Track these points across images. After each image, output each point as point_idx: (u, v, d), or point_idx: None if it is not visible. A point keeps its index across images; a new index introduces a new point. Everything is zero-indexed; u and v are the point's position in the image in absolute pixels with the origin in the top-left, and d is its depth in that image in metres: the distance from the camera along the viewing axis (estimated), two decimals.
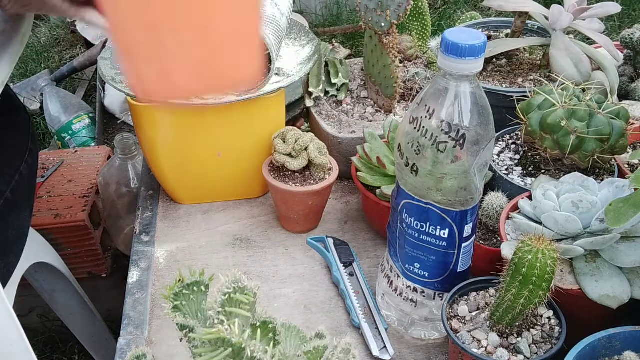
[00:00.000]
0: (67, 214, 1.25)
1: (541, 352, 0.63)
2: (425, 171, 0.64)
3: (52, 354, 1.41)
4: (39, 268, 1.05)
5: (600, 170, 0.81)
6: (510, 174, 0.84)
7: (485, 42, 0.59)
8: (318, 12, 2.54)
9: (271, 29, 0.77)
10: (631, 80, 1.02)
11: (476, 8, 2.45)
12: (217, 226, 0.96)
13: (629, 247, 0.66)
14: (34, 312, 1.38)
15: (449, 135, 0.61)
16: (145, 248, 0.92)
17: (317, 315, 0.81)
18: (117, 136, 1.21)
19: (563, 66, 0.91)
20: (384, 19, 0.90)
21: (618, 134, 0.77)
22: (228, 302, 0.47)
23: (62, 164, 1.38)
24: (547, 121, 0.78)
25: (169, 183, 0.98)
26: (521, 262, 0.59)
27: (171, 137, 0.92)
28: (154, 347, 0.77)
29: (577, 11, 0.95)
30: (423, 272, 0.71)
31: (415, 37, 1.10)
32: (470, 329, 0.66)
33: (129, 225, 1.27)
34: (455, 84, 0.61)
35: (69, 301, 1.16)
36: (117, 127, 2.04)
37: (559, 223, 0.67)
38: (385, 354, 0.74)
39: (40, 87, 2.06)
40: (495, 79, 0.99)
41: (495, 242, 0.80)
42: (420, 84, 1.01)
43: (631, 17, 2.36)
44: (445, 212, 0.66)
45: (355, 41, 2.28)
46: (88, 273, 1.34)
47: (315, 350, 0.51)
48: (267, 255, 0.90)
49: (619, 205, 0.58)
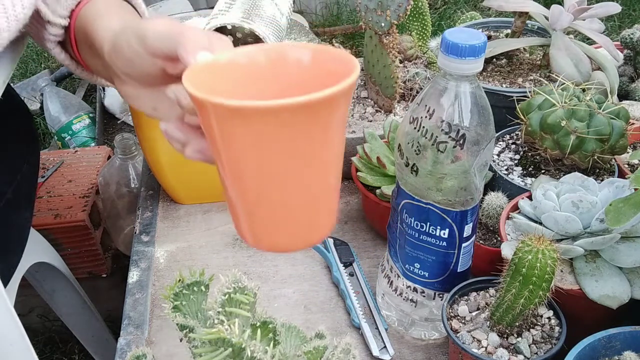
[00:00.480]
0: (67, 214, 1.25)
1: (541, 352, 0.63)
2: (425, 171, 0.64)
3: (52, 354, 1.41)
4: (39, 268, 1.05)
5: (600, 170, 0.81)
6: (510, 174, 0.84)
7: (485, 42, 0.59)
8: (318, 12, 2.54)
9: (271, 29, 0.77)
10: (631, 80, 1.02)
11: (476, 8, 2.45)
12: (217, 226, 0.96)
13: (629, 247, 0.66)
14: (34, 312, 1.38)
15: (449, 135, 0.61)
16: (145, 248, 0.92)
17: (317, 315, 0.81)
18: (117, 136, 1.21)
19: (563, 66, 0.91)
20: (384, 19, 0.90)
21: (618, 134, 0.77)
22: (228, 302, 0.47)
23: (62, 164, 1.38)
24: (547, 121, 0.78)
25: (169, 183, 0.98)
26: (521, 262, 0.59)
27: None
28: (154, 347, 0.77)
29: (577, 11, 0.95)
30: (423, 272, 0.71)
31: (415, 37, 1.10)
32: (470, 329, 0.66)
33: (129, 225, 1.27)
34: (455, 84, 0.61)
35: (69, 301, 1.16)
36: (117, 127, 2.04)
37: (559, 223, 0.67)
38: (385, 354, 0.74)
39: (40, 87, 2.06)
40: (495, 79, 0.99)
41: (495, 242, 0.80)
42: (420, 84, 1.01)
43: (631, 17, 2.36)
44: (445, 212, 0.66)
45: (355, 41, 2.28)
46: (88, 273, 1.34)
47: (315, 350, 0.51)
48: (267, 255, 0.90)
49: (619, 205, 0.58)
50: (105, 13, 0.60)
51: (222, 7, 0.78)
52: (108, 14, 0.60)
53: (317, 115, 0.39)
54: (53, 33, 0.63)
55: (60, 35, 0.64)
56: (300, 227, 0.45)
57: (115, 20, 0.58)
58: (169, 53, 0.49)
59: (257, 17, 0.76)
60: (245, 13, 0.75)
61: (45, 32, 0.63)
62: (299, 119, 0.38)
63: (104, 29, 0.57)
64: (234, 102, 0.37)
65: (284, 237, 0.45)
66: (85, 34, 0.60)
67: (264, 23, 0.76)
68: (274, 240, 0.46)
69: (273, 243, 0.46)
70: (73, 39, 0.63)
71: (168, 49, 0.49)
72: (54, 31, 0.63)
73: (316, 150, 0.41)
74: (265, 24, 0.76)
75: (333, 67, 0.44)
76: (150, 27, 0.50)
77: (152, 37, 0.49)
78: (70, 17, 0.63)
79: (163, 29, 0.49)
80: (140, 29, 0.51)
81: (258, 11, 0.77)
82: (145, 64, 0.52)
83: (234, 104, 0.37)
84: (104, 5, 0.62)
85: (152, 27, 0.50)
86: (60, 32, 0.64)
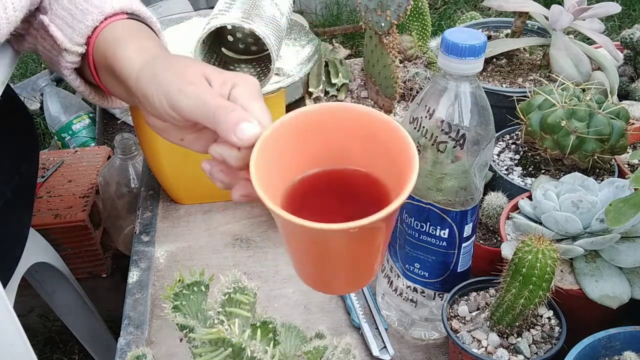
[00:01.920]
0: (67, 214, 1.25)
1: (541, 352, 0.63)
2: (425, 171, 0.64)
3: (52, 354, 1.42)
4: (39, 268, 1.05)
5: (600, 170, 0.81)
6: (510, 174, 0.84)
7: (485, 42, 0.59)
8: (318, 12, 2.55)
9: (271, 29, 0.77)
10: (631, 80, 1.02)
11: (476, 8, 2.45)
12: (217, 226, 0.96)
13: (629, 247, 0.66)
14: (34, 312, 1.38)
15: (449, 135, 0.61)
16: (145, 248, 0.92)
17: (317, 315, 0.81)
18: (117, 136, 1.21)
19: (563, 66, 0.91)
20: (384, 19, 0.90)
21: (618, 134, 0.77)
22: (228, 302, 0.47)
23: (62, 164, 1.38)
24: (547, 121, 0.78)
25: (169, 183, 0.98)
26: (521, 262, 0.59)
27: None
28: (154, 347, 0.77)
29: (577, 11, 0.95)
30: (423, 272, 0.71)
31: (415, 37, 1.10)
32: (470, 329, 0.66)
33: (129, 225, 1.27)
34: (455, 84, 0.61)
35: (69, 301, 1.16)
36: (117, 127, 2.04)
37: (559, 223, 0.67)
38: (385, 354, 0.74)
39: (40, 87, 2.06)
40: (495, 79, 0.99)
41: (495, 242, 0.80)
42: (420, 84, 1.01)
43: (631, 17, 2.36)
44: (445, 212, 0.66)
45: (355, 41, 2.29)
46: (88, 273, 1.34)
47: (315, 350, 0.51)
48: (267, 255, 0.90)
49: (619, 205, 0.58)
50: (124, 40, 0.59)
51: (222, 7, 0.78)
52: (127, 41, 0.59)
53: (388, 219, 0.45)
54: (70, 60, 0.63)
55: (77, 63, 0.64)
56: (361, 281, 0.54)
57: (135, 51, 0.57)
58: (206, 125, 0.51)
59: (257, 17, 0.76)
60: (245, 13, 0.75)
61: (62, 60, 0.63)
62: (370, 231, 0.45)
63: (126, 61, 0.57)
64: (319, 226, 0.41)
65: (347, 290, 0.68)
66: (106, 61, 0.60)
67: (264, 23, 0.76)
68: (341, 290, 0.68)
69: (340, 291, 0.73)
70: (92, 65, 0.63)
71: (204, 123, 0.51)
72: (71, 59, 0.63)
73: (380, 241, 0.48)
74: (265, 24, 0.76)
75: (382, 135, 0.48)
76: (183, 98, 0.51)
77: (187, 111, 0.51)
78: (87, 43, 0.62)
79: (197, 103, 0.50)
80: (173, 99, 0.51)
81: (258, 11, 0.77)
82: (178, 122, 0.53)
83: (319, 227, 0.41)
84: (121, 32, 0.61)
85: (185, 99, 0.51)
86: (77, 59, 0.64)
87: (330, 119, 0.50)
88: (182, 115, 0.52)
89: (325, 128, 0.50)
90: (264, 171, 0.46)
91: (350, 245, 0.46)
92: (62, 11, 0.62)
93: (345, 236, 0.43)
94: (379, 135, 0.48)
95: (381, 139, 0.48)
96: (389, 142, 0.47)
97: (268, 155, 0.47)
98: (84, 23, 0.61)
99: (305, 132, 0.50)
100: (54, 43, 0.62)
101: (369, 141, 0.49)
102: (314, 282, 0.52)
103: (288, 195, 0.49)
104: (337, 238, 0.44)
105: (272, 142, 0.48)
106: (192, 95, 0.51)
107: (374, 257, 0.49)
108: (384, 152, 0.48)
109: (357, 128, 0.49)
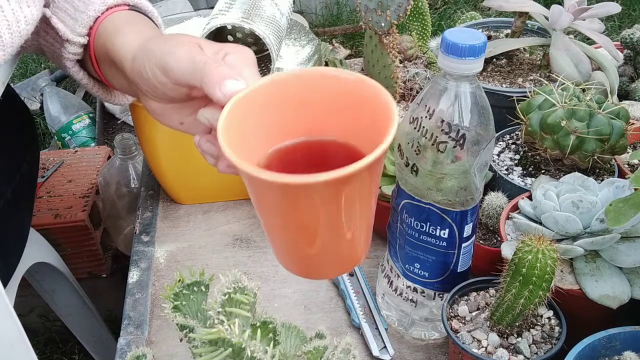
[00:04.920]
0: (67, 214, 1.25)
1: (541, 352, 0.63)
2: (425, 171, 0.64)
3: (52, 354, 1.41)
4: (39, 268, 1.05)
5: (600, 170, 0.81)
6: (510, 174, 0.84)
7: (485, 42, 0.59)
8: (318, 12, 2.54)
9: (271, 29, 0.77)
10: (631, 80, 1.02)
11: (476, 8, 2.45)
12: (217, 226, 0.96)
13: (629, 247, 0.66)
14: (34, 312, 1.38)
15: (449, 135, 0.61)
16: (145, 248, 0.92)
17: (317, 315, 0.81)
18: (117, 136, 1.21)
19: (563, 66, 0.91)
20: (384, 19, 0.90)
21: (618, 134, 0.77)
22: (228, 302, 0.47)
23: (62, 164, 1.38)
24: (547, 121, 0.78)
25: (169, 183, 0.98)
26: (521, 262, 0.59)
27: (171, 137, 0.92)
28: (154, 347, 0.77)
29: (577, 11, 0.95)
30: (423, 272, 0.71)
31: (415, 37, 1.10)
32: (470, 329, 0.66)
33: (129, 225, 1.27)
34: (455, 84, 0.61)
35: (69, 301, 1.16)
36: (117, 127, 2.04)
37: (559, 223, 0.67)
38: (385, 354, 0.74)
39: (40, 87, 2.06)
40: (495, 79, 0.99)
41: (495, 242, 0.80)
42: (420, 84, 1.01)
43: (631, 17, 2.36)
44: (445, 212, 0.66)
45: (355, 41, 2.28)
46: (88, 273, 1.34)
47: (315, 350, 0.51)
48: (267, 255, 0.90)
49: (619, 205, 0.58)
50: (123, 28, 0.60)
51: (222, 7, 0.78)
52: (126, 29, 0.59)
53: (371, 169, 0.41)
54: (72, 52, 0.63)
55: (79, 54, 0.64)
56: (345, 261, 0.49)
57: (133, 36, 0.58)
58: (195, 84, 0.50)
59: (257, 17, 0.76)
60: (245, 13, 0.75)
61: (64, 51, 0.63)
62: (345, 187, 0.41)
63: (124, 46, 0.57)
64: (281, 179, 0.38)
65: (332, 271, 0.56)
66: (106, 51, 0.60)
67: (264, 23, 0.76)
68: (324, 273, 0.57)
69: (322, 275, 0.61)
70: (93, 56, 0.63)
71: (193, 82, 0.50)
72: (73, 50, 0.63)
73: (362, 206, 0.44)
74: (265, 24, 0.76)
75: (369, 92, 0.45)
76: (173, 59, 0.51)
77: (177, 70, 0.51)
78: (88, 34, 0.62)
79: (187, 61, 0.50)
80: (163, 60, 0.51)
81: (258, 11, 0.77)
82: (170, 91, 0.53)
83: (280, 180, 0.38)
84: (121, 21, 0.61)
85: (175, 59, 0.51)
86: (79, 50, 0.63)
87: (313, 86, 0.47)
88: (172, 77, 0.51)
89: (308, 97, 0.47)
90: (236, 131, 0.44)
91: (327, 207, 0.41)
92: (65, 3, 0.62)
93: (319, 194, 0.40)
94: (366, 103, 0.45)
95: (368, 107, 0.45)
96: (375, 110, 0.44)
97: (243, 115, 0.45)
98: (86, 13, 0.61)
99: (286, 100, 0.47)
100: (56, 35, 0.62)
101: (354, 110, 0.46)
102: (296, 263, 0.49)
103: (262, 166, 0.46)
104: (310, 195, 0.40)
105: (250, 103, 0.46)
106: (183, 55, 0.51)
107: (357, 229, 0.45)
108: (369, 123, 0.45)
109: (342, 96, 0.46)
